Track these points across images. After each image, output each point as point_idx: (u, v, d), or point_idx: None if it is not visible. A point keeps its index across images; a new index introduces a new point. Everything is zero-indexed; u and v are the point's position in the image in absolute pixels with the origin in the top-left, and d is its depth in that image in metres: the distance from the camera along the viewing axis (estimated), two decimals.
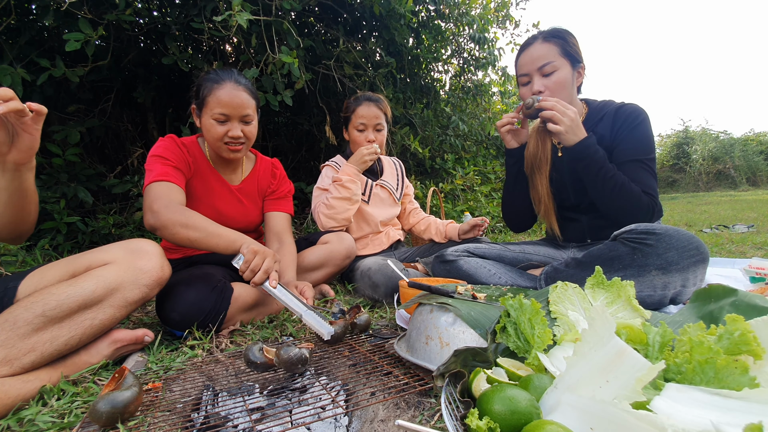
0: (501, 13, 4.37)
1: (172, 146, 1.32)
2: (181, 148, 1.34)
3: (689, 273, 1.12)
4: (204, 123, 1.33)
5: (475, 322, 0.84)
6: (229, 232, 1.16)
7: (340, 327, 1.02)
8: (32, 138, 0.88)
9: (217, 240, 1.14)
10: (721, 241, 2.66)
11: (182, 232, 1.13)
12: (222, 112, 1.29)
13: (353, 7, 2.91)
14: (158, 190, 1.20)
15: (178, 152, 1.32)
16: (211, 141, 1.35)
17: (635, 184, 1.30)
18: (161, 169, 1.24)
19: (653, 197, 1.30)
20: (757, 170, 12.86)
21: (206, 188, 1.40)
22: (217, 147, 1.35)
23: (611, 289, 0.85)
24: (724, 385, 0.53)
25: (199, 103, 1.33)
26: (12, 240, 1.01)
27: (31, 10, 2.25)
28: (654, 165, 1.33)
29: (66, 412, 0.79)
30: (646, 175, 1.31)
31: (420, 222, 2.07)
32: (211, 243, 1.14)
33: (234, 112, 1.30)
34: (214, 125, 1.31)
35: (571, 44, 1.33)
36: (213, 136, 1.32)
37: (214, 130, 1.31)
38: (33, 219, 1.01)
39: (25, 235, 1.02)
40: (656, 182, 1.33)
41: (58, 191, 2.26)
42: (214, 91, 1.29)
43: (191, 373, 0.96)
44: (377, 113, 1.82)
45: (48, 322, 0.85)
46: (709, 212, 4.93)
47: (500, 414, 0.55)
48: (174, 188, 1.22)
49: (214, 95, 1.29)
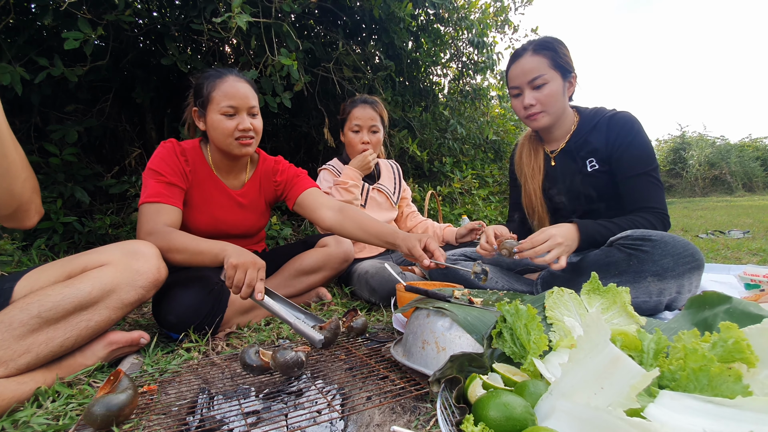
0: (500, 18, 4.39)
1: (169, 157, 1.29)
2: (179, 158, 1.31)
3: (684, 279, 1.13)
4: (210, 121, 1.29)
5: (472, 327, 0.84)
6: (211, 245, 1.12)
7: (329, 332, 1.02)
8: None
9: (201, 258, 1.11)
10: (716, 246, 2.67)
11: (167, 257, 1.12)
12: (230, 105, 1.26)
13: (353, 10, 2.92)
14: (147, 212, 1.20)
15: (174, 163, 1.29)
16: (220, 138, 1.30)
17: (644, 200, 1.29)
18: (154, 188, 1.23)
19: (661, 213, 1.28)
20: (753, 176, 12.96)
21: (204, 196, 1.38)
22: (228, 144, 1.31)
23: (607, 295, 0.86)
24: (717, 392, 0.54)
25: (203, 101, 1.30)
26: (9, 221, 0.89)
27: (30, 9, 2.25)
28: (658, 173, 1.31)
29: (61, 414, 0.78)
30: (653, 188, 1.30)
31: (417, 225, 2.07)
32: (197, 261, 1.12)
33: (241, 104, 1.28)
34: (222, 120, 1.28)
35: (561, 55, 1.32)
36: (222, 132, 1.28)
37: (222, 126, 1.28)
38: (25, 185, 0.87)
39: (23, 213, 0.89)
40: (663, 191, 1.32)
41: (54, 191, 2.25)
42: (219, 85, 1.27)
43: (187, 375, 0.95)
44: (373, 115, 1.82)
45: (43, 323, 0.85)
46: (705, 217, 4.96)
47: (495, 420, 0.55)
48: (163, 209, 1.21)
49: (219, 89, 1.27)
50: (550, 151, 1.46)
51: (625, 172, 1.32)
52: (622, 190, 1.34)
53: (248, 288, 1.03)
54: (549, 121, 1.35)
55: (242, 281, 1.03)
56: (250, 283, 1.03)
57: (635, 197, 1.32)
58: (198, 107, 1.33)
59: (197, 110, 1.33)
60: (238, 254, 1.06)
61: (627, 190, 1.33)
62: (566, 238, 1.18)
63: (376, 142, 1.86)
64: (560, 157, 1.43)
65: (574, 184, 1.40)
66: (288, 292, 1.52)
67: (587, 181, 1.37)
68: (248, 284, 1.02)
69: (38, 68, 1.96)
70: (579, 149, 1.38)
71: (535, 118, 1.35)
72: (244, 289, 1.02)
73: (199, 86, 1.32)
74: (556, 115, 1.35)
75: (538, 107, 1.33)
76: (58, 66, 1.96)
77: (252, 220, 1.50)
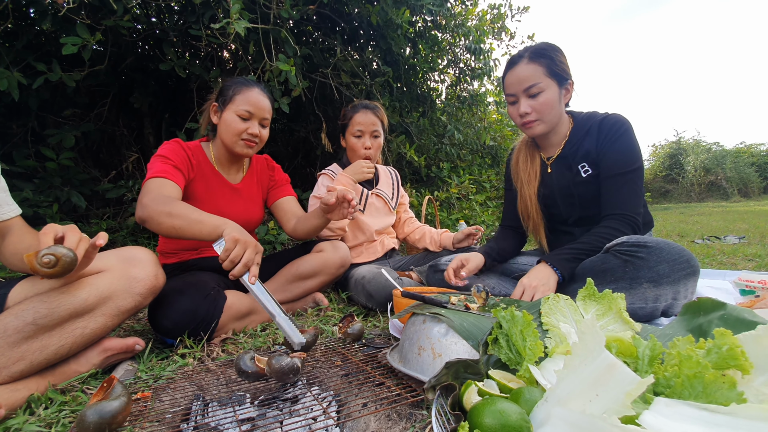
0: (497, 25, 4.43)
1: (176, 148, 1.38)
2: (186, 151, 1.40)
3: (680, 286, 1.13)
4: (225, 117, 1.41)
5: (468, 334, 0.84)
6: (212, 218, 1.11)
7: (310, 336, 1.01)
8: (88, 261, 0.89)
9: (200, 227, 1.09)
10: (712, 252, 2.69)
11: (167, 222, 1.10)
12: (247, 110, 1.39)
13: (351, 17, 2.94)
14: (151, 185, 1.22)
15: (181, 153, 1.37)
16: (228, 135, 1.41)
17: (613, 206, 1.29)
18: (160, 167, 1.28)
19: (630, 218, 1.27)
20: (749, 182, 13.05)
21: (208, 189, 1.45)
22: (233, 142, 1.41)
23: (602, 301, 0.86)
24: (712, 399, 0.54)
25: (225, 100, 1.42)
26: None
27: (28, 14, 2.25)
28: (637, 175, 1.30)
29: (53, 421, 0.78)
30: (627, 190, 1.29)
31: (415, 231, 2.07)
32: (195, 230, 1.09)
33: (257, 113, 1.42)
34: (236, 120, 1.39)
35: (557, 62, 1.31)
36: (233, 130, 1.40)
37: (235, 125, 1.39)
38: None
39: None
40: (640, 193, 1.31)
41: (51, 195, 2.25)
42: (244, 92, 1.41)
43: (182, 382, 0.95)
44: (374, 120, 1.83)
45: (38, 330, 0.84)
46: (701, 223, 4.98)
47: (491, 427, 0.55)
48: (168, 183, 1.25)
49: (243, 94, 1.40)
50: (547, 158, 1.46)
51: (606, 171, 1.32)
52: (601, 191, 1.34)
53: (243, 267, 1.00)
54: (544, 129, 1.36)
55: (239, 257, 1.00)
56: (247, 263, 1.00)
57: (607, 200, 1.32)
58: (219, 103, 1.44)
59: (217, 105, 1.45)
60: (240, 231, 1.06)
61: (603, 191, 1.33)
62: (540, 279, 1.21)
63: (378, 147, 1.87)
64: (556, 164, 1.43)
65: (570, 191, 1.40)
66: (284, 297, 1.52)
67: (582, 188, 1.37)
68: (244, 263, 1.00)
69: (36, 73, 1.96)
70: (573, 155, 1.38)
71: (530, 126, 1.35)
72: (238, 267, 0.99)
73: (226, 87, 1.44)
74: (551, 123, 1.36)
75: (533, 115, 1.33)
76: (56, 71, 1.96)
77: (252, 211, 1.57)
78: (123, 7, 1.92)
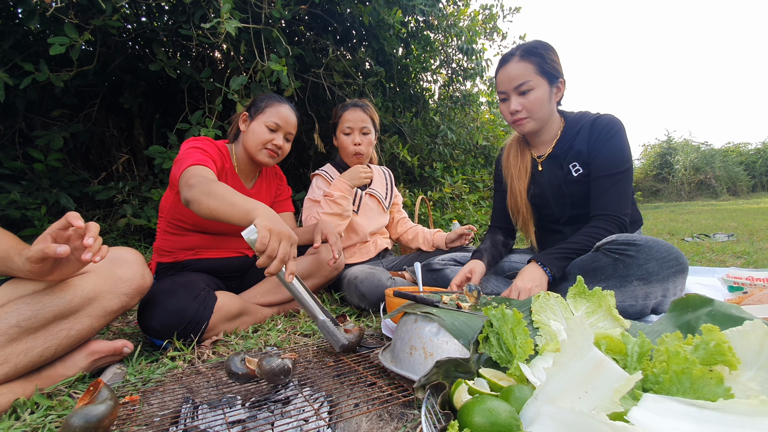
0: (489, 25, 4.44)
1: (209, 143, 1.43)
2: (216, 145, 1.46)
3: (669, 283, 1.14)
4: (253, 126, 1.48)
5: (459, 332, 0.84)
6: (244, 201, 1.02)
7: (355, 336, 1.00)
8: (80, 265, 0.87)
9: (231, 210, 1.02)
10: (702, 249, 2.72)
11: (204, 202, 1.06)
12: (276, 122, 1.48)
13: (343, 17, 2.93)
14: (196, 170, 1.21)
15: (214, 148, 1.43)
16: (253, 143, 1.47)
17: (601, 206, 1.31)
18: (199, 156, 1.29)
19: (617, 218, 1.28)
20: (738, 180, 13.24)
21: None
22: (257, 150, 1.48)
23: (592, 298, 0.86)
24: (699, 395, 0.54)
25: (256, 110, 1.50)
26: None
27: (16, 14, 2.22)
28: (626, 177, 1.31)
29: (39, 426, 0.76)
30: (616, 192, 1.30)
31: (408, 231, 2.07)
32: (227, 212, 1.03)
33: (285, 126, 1.51)
34: (264, 130, 1.47)
35: (548, 61, 1.31)
36: (258, 138, 1.47)
37: (262, 134, 1.47)
38: None
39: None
40: (628, 194, 1.32)
41: (39, 197, 2.22)
42: (276, 106, 1.50)
43: (171, 385, 0.94)
44: (363, 117, 1.83)
45: (22, 332, 0.83)
46: (691, 221, 5.04)
47: (480, 426, 0.55)
48: (210, 171, 1.26)
49: (275, 108, 1.49)
50: (537, 156, 1.47)
51: (595, 171, 1.33)
52: (590, 191, 1.35)
53: (280, 263, 0.90)
54: (534, 126, 1.37)
55: (276, 251, 0.90)
56: (284, 258, 0.91)
57: (595, 201, 1.33)
58: (249, 113, 1.52)
59: (247, 114, 1.52)
60: (272, 219, 0.96)
61: (592, 192, 1.34)
62: (533, 281, 1.21)
63: (368, 144, 1.86)
64: (547, 163, 1.44)
65: (562, 190, 1.41)
66: (277, 299, 1.51)
67: (574, 187, 1.38)
68: (281, 259, 0.90)
69: (24, 73, 1.93)
70: (565, 154, 1.39)
71: (520, 123, 1.36)
72: (275, 263, 0.90)
73: (259, 99, 1.53)
74: (541, 120, 1.36)
75: (523, 113, 1.34)
76: (44, 71, 1.93)
77: None
78: (112, 7, 1.90)
